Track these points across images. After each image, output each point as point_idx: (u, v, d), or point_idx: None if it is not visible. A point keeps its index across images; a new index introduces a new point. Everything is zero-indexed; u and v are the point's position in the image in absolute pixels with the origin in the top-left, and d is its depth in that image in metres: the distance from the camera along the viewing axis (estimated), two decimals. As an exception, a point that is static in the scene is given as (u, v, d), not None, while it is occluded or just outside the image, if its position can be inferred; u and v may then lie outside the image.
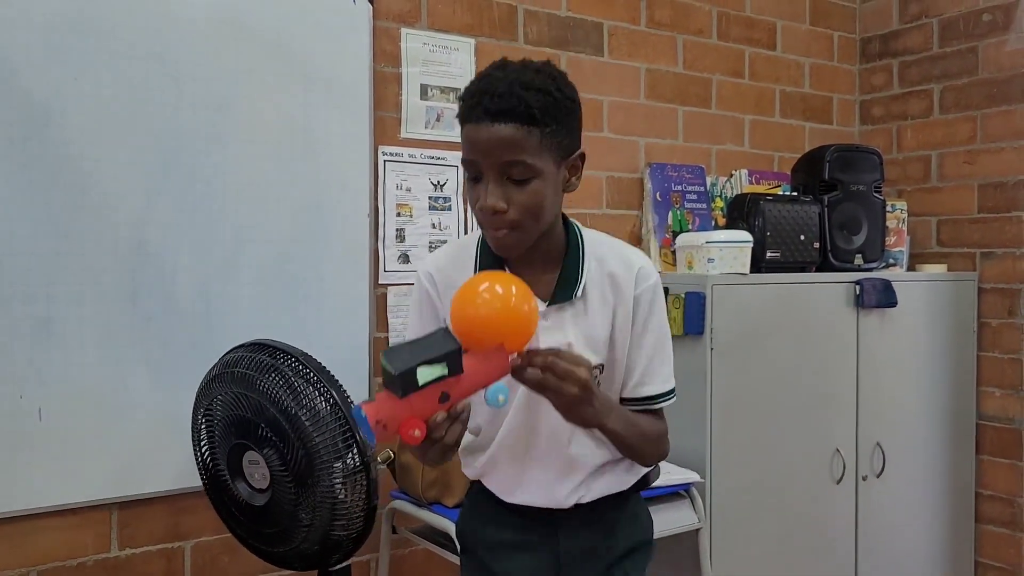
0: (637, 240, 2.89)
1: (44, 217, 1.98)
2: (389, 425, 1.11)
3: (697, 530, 2.37)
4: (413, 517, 2.24)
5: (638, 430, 1.39)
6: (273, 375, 1.85)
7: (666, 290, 2.53)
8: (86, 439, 2.02)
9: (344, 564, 2.01)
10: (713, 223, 2.93)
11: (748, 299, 2.56)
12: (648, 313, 1.41)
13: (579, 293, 1.37)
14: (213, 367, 1.96)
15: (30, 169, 1.96)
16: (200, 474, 1.99)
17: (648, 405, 1.44)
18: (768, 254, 2.66)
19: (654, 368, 1.43)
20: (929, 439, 3.02)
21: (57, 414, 1.99)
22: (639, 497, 1.58)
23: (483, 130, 1.25)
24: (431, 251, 2.48)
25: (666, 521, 2.31)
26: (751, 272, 2.60)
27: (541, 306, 1.33)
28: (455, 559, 2.03)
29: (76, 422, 2.01)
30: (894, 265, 3.06)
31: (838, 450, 2.75)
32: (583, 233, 1.43)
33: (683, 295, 2.48)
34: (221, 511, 2.00)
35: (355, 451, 1.84)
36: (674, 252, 2.77)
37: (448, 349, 1.11)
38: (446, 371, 1.11)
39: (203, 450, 1.97)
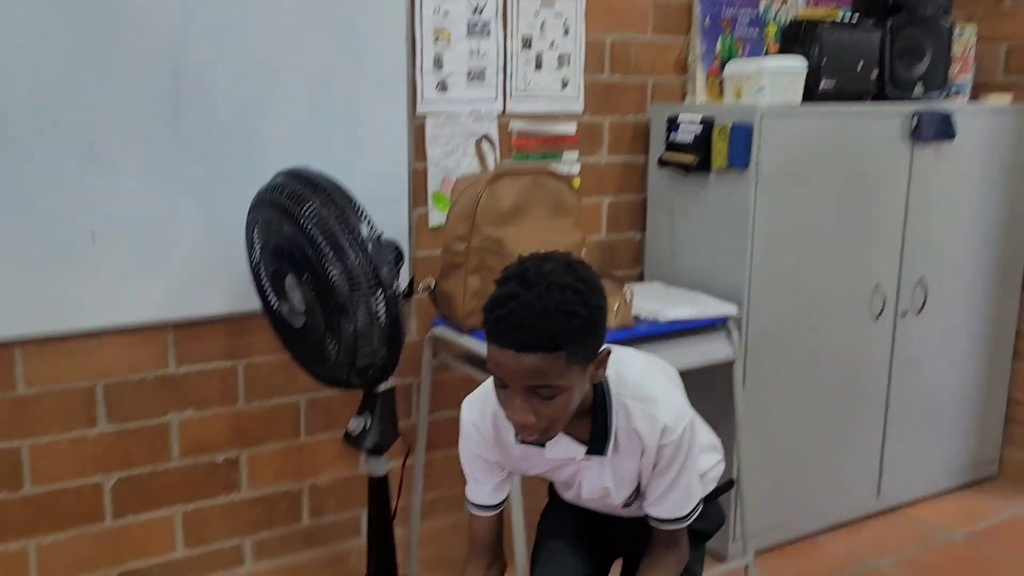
0: (683, 68, 2.78)
1: (79, 41, 1.95)
2: None
3: (731, 362, 2.42)
4: (453, 343, 2.31)
5: None
6: (307, 206, 1.87)
7: (711, 122, 2.46)
8: (138, 262, 2.09)
9: (387, 387, 2.10)
10: (764, 51, 2.79)
11: (798, 131, 2.47)
12: (671, 459, 1.44)
13: (611, 447, 1.44)
14: (261, 190, 1.98)
15: (61, -9, 1.92)
16: (258, 296, 2.06)
17: (659, 526, 1.50)
18: (822, 83, 2.55)
19: (669, 498, 1.47)
20: (974, 277, 2.97)
21: (109, 237, 2.05)
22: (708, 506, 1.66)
23: (508, 357, 1.25)
24: (469, 80, 2.43)
25: (701, 353, 2.36)
26: (804, 102, 2.50)
27: (581, 452, 1.45)
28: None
29: (127, 245, 2.08)
30: (956, 95, 2.91)
31: (878, 286, 2.73)
32: (611, 396, 1.43)
33: (729, 127, 2.41)
34: (276, 331, 2.09)
35: (378, 288, 1.88)
36: (721, 82, 2.67)
37: None
38: None
39: (258, 275, 2.03)
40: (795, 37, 2.59)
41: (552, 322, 1.22)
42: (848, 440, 2.81)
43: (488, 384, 1.43)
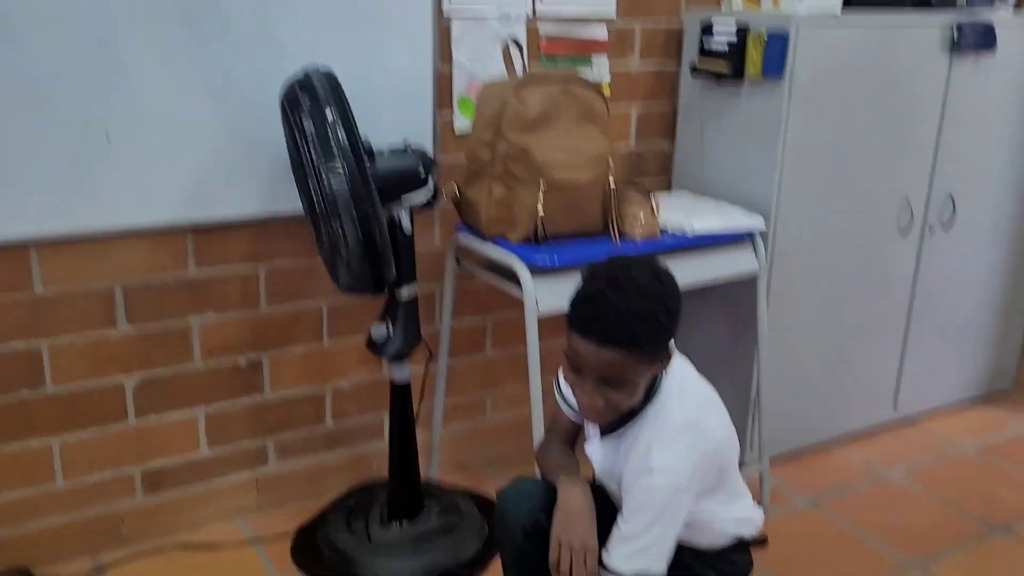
0: (719, -31, 2.67)
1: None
2: None
3: (756, 276, 2.40)
4: (476, 250, 2.28)
5: None
6: (308, 120, 1.81)
7: (746, 30, 2.36)
8: (154, 163, 2.04)
9: (409, 294, 2.09)
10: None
11: (835, 41, 2.38)
12: (637, 500, 1.44)
13: (622, 430, 1.51)
14: (283, 91, 1.91)
15: None
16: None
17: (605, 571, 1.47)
18: (862, -12, 2.44)
19: (623, 544, 1.45)
20: (1005, 194, 2.93)
21: (124, 137, 1.99)
22: (735, 554, 1.65)
23: (590, 348, 1.37)
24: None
25: (726, 265, 2.33)
26: (843, 7, 2.40)
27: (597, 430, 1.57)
28: (516, 290, 2.10)
29: (143, 145, 2.02)
30: (1000, 4, 2.79)
31: (908, 200, 2.69)
32: (654, 402, 1.49)
33: (765, 35, 2.31)
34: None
35: (368, 205, 1.84)
36: (760, -15, 2.56)
37: None
38: None
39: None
40: (837, -63, 2.47)
41: (636, 324, 1.35)
42: (868, 353, 2.82)
43: None
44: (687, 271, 2.09)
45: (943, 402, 3.12)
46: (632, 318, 1.35)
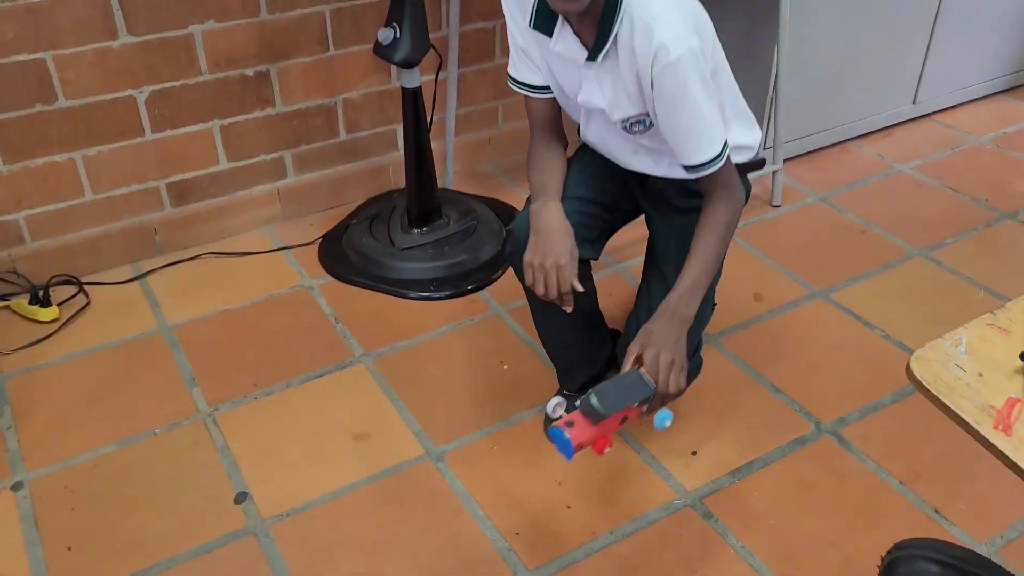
0: None
1: None
2: (584, 444, 1.33)
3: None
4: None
5: (711, 259, 1.47)
6: None
7: None
8: None
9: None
10: None
11: None
12: (672, 90, 1.36)
13: (604, 54, 1.40)
14: None
15: None
16: None
17: (696, 174, 1.45)
18: None
19: (686, 140, 1.42)
20: None
21: None
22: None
23: None
24: None
25: None
26: None
27: (582, 56, 1.43)
28: None
29: None
30: None
31: None
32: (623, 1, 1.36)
33: None
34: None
35: None
36: None
37: (646, 395, 1.36)
38: (636, 403, 1.36)
39: None
40: None
41: None
42: (893, 47, 2.74)
43: None
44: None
45: (964, 97, 3.06)
46: None
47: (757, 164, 1.68)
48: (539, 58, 1.54)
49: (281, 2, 2.22)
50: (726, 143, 1.44)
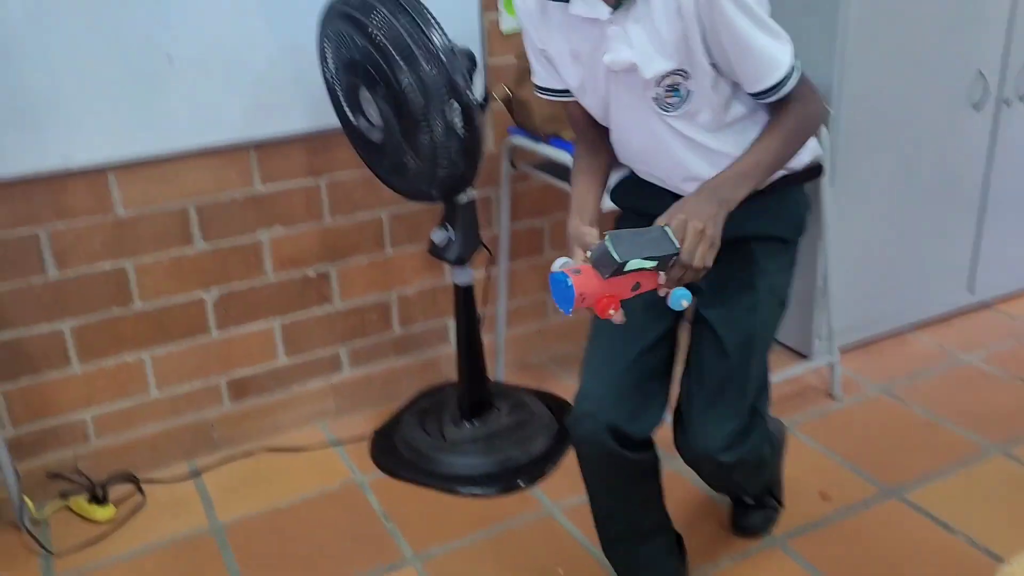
0: None
1: None
2: (588, 299, 1.20)
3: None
4: (531, 152, 2.29)
5: (767, 156, 1.37)
6: (375, 15, 1.82)
7: None
8: (215, 82, 2.10)
9: (468, 198, 2.11)
10: None
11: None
12: (714, 19, 1.28)
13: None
14: (329, 2, 1.93)
15: None
16: (334, 108, 2.06)
17: (764, 99, 1.38)
18: None
19: (747, 70, 1.34)
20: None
21: (185, 59, 2.05)
22: (787, 193, 1.54)
23: None
24: None
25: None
26: None
27: (606, 12, 1.34)
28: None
29: (203, 66, 2.08)
30: None
31: (980, 72, 2.56)
32: None
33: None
34: (356, 148, 2.11)
35: (454, 98, 1.85)
36: None
37: (668, 252, 1.19)
38: (655, 265, 1.19)
39: (332, 83, 2.02)
40: None
41: None
42: (940, 235, 2.74)
43: None
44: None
45: (1022, 285, 3.02)
46: None
47: (816, 169, 1.58)
48: (559, 46, 1.46)
49: (344, 207, 2.36)
50: (793, 61, 1.35)
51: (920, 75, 2.47)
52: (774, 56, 1.34)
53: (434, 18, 1.83)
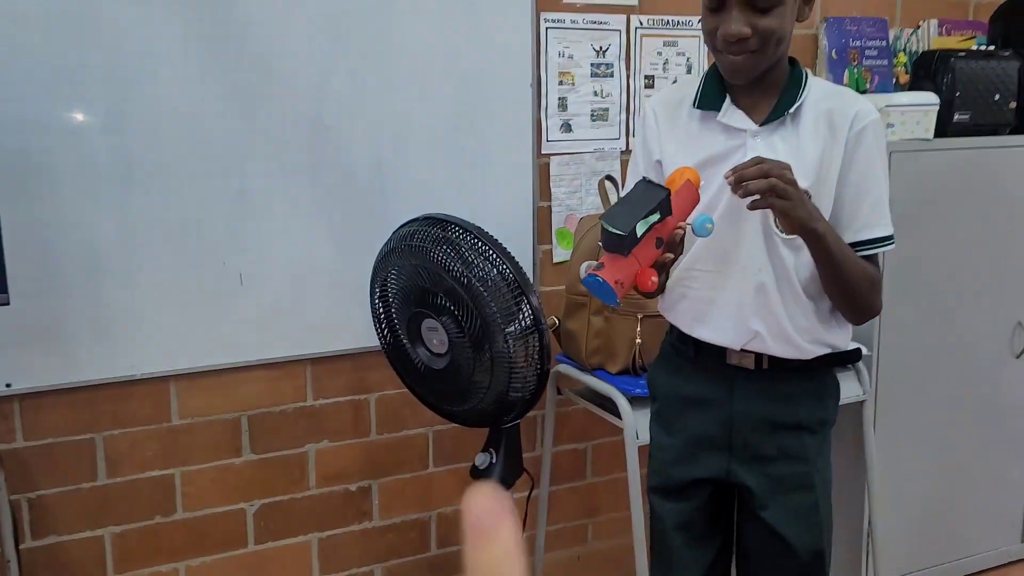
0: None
1: (232, 94, 2.09)
2: (626, 282, 1.21)
3: (861, 402, 2.36)
4: (576, 380, 2.35)
5: (850, 256, 1.42)
6: (446, 247, 1.95)
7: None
8: (281, 302, 2.22)
9: (513, 423, 2.15)
10: (894, 81, 2.72)
11: (931, 165, 2.41)
12: (866, 151, 1.42)
13: (793, 111, 1.42)
14: (388, 241, 2.08)
15: (216, 47, 2.06)
16: (380, 342, 2.15)
17: (865, 250, 1.47)
18: (956, 116, 2.47)
19: (861, 209, 1.44)
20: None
21: (255, 279, 2.18)
22: (827, 375, 1.59)
23: None
24: (592, 120, 2.48)
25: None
26: (936, 136, 2.43)
27: (753, 126, 1.44)
28: (616, 420, 2.14)
29: (271, 286, 2.20)
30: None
31: (1020, 323, 2.62)
32: (808, 72, 1.48)
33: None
34: (401, 374, 2.18)
35: (528, 315, 1.94)
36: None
37: (660, 197, 1.22)
38: (659, 216, 1.21)
39: (382, 323, 2.12)
40: (927, 68, 2.53)
41: None
42: (989, 482, 2.70)
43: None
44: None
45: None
46: None
47: (855, 354, 1.64)
48: (673, 152, 1.51)
49: (390, 424, 2.40)
50: (890, 237, 1.47)
51: (959, 324, 2.53)
52: (884, 213, 1.46)
53: (504, 251, 1.95)
